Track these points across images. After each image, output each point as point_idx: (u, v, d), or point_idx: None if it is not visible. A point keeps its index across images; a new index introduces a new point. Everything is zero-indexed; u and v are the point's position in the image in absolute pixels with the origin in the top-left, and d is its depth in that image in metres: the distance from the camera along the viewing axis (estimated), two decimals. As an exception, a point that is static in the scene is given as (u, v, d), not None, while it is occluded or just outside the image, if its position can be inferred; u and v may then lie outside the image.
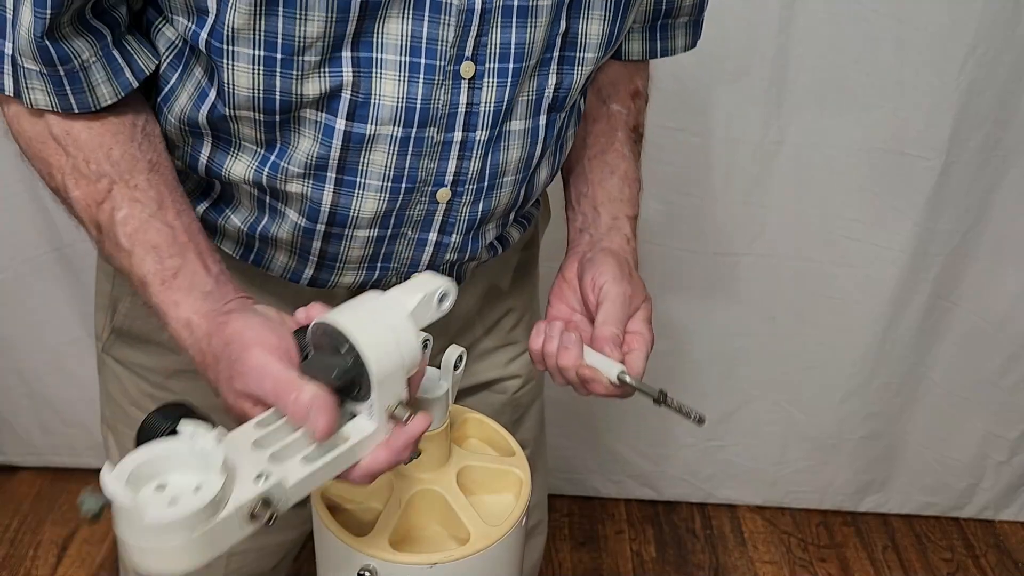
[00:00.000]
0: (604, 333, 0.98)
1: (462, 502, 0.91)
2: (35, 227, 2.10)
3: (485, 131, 0.93)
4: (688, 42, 1.18)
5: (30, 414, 2.37)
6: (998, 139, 1.96)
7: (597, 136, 1.15)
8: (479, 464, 0.96)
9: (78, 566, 2.22)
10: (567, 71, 0.95)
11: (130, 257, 0.87)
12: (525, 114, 0.95)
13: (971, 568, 2.37)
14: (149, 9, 0.92)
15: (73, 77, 0.86)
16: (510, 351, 1.27)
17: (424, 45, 0.86)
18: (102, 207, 0.88)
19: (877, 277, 2.14)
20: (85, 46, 0.86)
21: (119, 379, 1.17)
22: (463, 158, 0.94)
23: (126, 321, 1.13)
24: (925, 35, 1.84)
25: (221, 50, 0.83)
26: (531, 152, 0.99)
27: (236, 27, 0.82)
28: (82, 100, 0.87)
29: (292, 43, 0.83)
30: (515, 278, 1.26)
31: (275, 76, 0.85)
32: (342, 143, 0.89)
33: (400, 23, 0.85)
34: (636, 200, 1.13)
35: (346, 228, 0.96)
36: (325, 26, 0.82)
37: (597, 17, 0.93)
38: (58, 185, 0.90)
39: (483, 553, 0.87)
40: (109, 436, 1.25)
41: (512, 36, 0.88)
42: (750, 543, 2.41)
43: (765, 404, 2.35)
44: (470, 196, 0.98)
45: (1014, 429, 2.35)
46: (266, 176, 0.93)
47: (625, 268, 1.04)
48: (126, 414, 1.18)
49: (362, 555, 0.86)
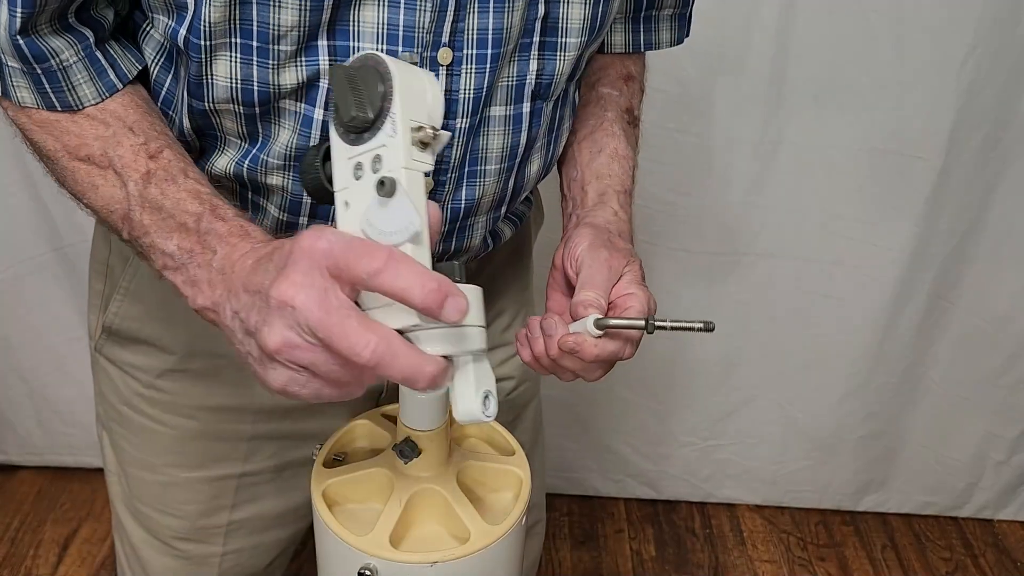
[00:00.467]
0: (579, 298, 0.93)
1: (462, 501, 0.91)
2: (34, 227, 2.11)
3: (466, 119, 0.93)
4: (674, 36, 1.17)
5: (30, 414, 2.38)
6: (997, 139, 1.97)
7: (585, 120, 1.13)
8: (479, 463, 0.96)
9: (79, 565, 2.22)
10: (548, 57, 0.95)
11: (198, 189, 0.85)
12: (506, 100, 0.95)
13: (970, 567, 2.37)
14: (136, 13, 0.92)
15: (51, 76, 0.86)
16: (503, 352, 1.27)
17: (401, 32, 0.86)
18: (156, 159, 0.86)
19: (876, 277, 2.14)
20: (64, 46, 0.86)
21: (111, 378, 1.18)
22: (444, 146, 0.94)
23: (116, 320, 1.13)
24: (925, 35, 1.84)
25: (199, 46, 0.84)
26: (515, 140, 0.98)
27: (213, 21, 0.82)
28: (63, 99, 0.88)
29: (267, 31, 0.82)
30: (507, 279, 1.26)
31: (252, 65, 0.85)
32: (321, 133, 0.89)
33: (376, 10, 0.85)
34: (627, 175, 1.10)
35: (328, 221, 0.96)
36: (300, 14, 0.82)
37: (578, 2, 0.93)
38: (90, 153, 0.88)
39: (483, 552, 0.87)
40: (104, 435, 1.25)
41: (489, 21, 0.88)
42: (749, 542, 2.41)
43: (764, 404, 2.36)
44: (452, 184, 0.98)
45: (1013, 429, 2.36)
46: (247, 169, 0.93)
47: (603, 235, 0.99)
48: (118, 413, 1.18)
49: (362, 554, 0.86)
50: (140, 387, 1.15)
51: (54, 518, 2.35)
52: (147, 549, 1.24)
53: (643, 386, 2.30)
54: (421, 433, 0.91)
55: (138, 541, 1.24)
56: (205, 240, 0.82)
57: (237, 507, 1.21)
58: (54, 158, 0.90)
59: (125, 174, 0.87)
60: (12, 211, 2.08)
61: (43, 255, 2.15)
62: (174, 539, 1.22)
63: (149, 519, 1.22)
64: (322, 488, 0.92)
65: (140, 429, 1.17)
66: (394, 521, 0.89)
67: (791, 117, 1.97)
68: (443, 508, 0.91)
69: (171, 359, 1.12)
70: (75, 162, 0.89)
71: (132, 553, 1.26)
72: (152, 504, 1.21)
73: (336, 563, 0.91)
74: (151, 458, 1.18)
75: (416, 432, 0.91)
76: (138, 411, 1.16)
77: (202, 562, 1.23)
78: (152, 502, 1.21)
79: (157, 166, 0.86)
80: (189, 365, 1.12)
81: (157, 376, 1.14)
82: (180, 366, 1.12)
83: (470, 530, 0.88)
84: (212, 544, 1.22)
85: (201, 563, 1.23)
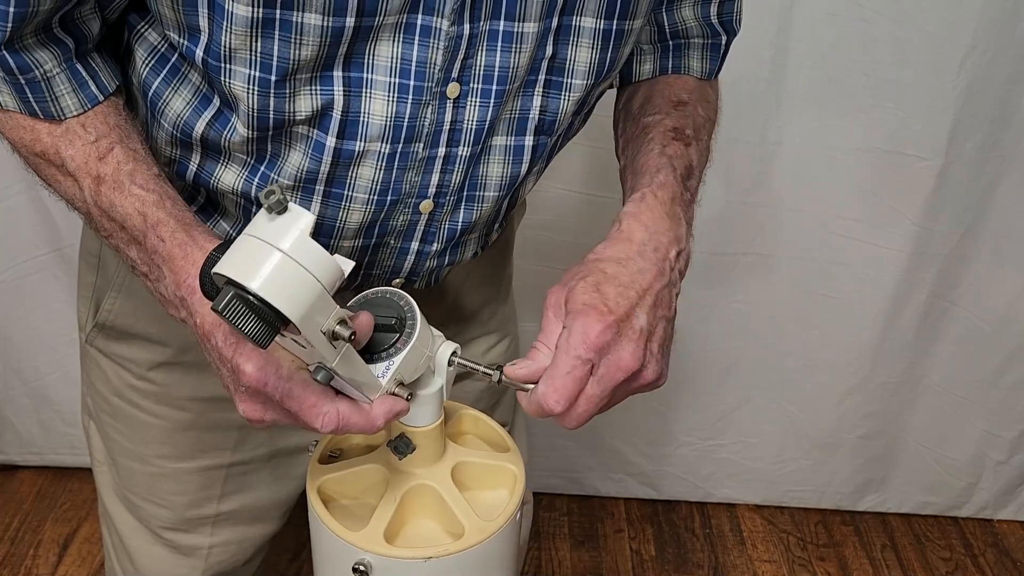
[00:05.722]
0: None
1: (457, 497, 0.91)
2: (35, 227, 2.11)
3: (468, 147, 0.94)
4: (705, 67, 1.14)
5: (30, 414, 2.38)
6: (996, 139, 1.97)
7: (630, 153, 1.07)
8: (474, 460, 0.96)
9: (79, 565, 2.22)
10: (553, 95, 0.95)
11: (142, 200, 0.86)
12: (508, 131, 0.96)
13: (970, 567, 2.37)
14: (132, 14, 0.93)
15: (35, 86, 0.87)
16: (485, 341, 1.28)
17: (413, 68, 0.87)
18: (105, 160, 0.87)
19: (876, 277, 2.14)
20: (48, 57, 0.87)
21: (102, 369, 1.18)
22: (446, 171, 0.95)
23: (109, 317, 1.14)
24: (924, 36, 1.84)
25: (219, 68, 0.84)
26: (516, 170, 0.99)
27: (232, 47, 0.82)
28: (45, 108, 0.88)
29: (287, 66, 0.84)
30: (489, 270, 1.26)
31: (269, 96, 0.86)
32: (332, 159, 0.90)
33: (391, 46, 0.86)
34: (651, 172, 0.99)
35: (332, 239, 0.97)
36: (319, 50, 0.83)
37: (586, 45, 0.93)
38: (45, 148, 0.89)
39: (477, 548, 0.88)
40: (91, 425, 1.26)
41: (497, 59, 0.89)
42: (749, 542, 2.41)
43: (764, 403, 2.36)
44: (450, 207, 0.99)
45: (1012, 429, 2.36)
46: (255, 187, 0.94)
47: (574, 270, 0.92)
48: (109, 403, 1.19)
49: (357, 549, 0.87)
50: (132, 379, 1.16)
51: (54, 518, 2.35)
52: (136, 538, 1.24)
53: (643, 386, 2.29)
54: (416, 429, 0.91)
55: (126, 530, 1.25)
56: (152, 260, 0.86)
57: (226, 497, 1.22)
58: (17, 149, 0.92)
59: (79, 177, 0.88)
60: (12, 211, 2.08)
61: (43, 255, 2.15)
62: (163, 529, 1.22)
63: (139, 508, 1.22)
64: (317, 484, 0.93)
65: (131, 420, 1.18)
66: (389, 517, 0.89)
67: (791, 117, 1.97)
68: (438, 504, 0.92)
69: (165, 352, 1.13)
70: (34, 156, 0.91)
71: (119, 543, 1.27)
72: (142, 494, 1.22)
73: (331, 559, 0.91)
74: (141, 449, 1.19)
75: (411, 428, 0.91)
76: (129, 402, 1.17)
77: (190, 553, 1.24)
78: (142, 492, 1.21)
79: (107, 170, 0.87)
80: (183, 358, 1.13)
81: (149, 368, 1.15)
82: (174, 359, 1.13)
83: (464, 526, 0.89)
84: (200, 534, 1.23)
85: (189, 554, 1.24)
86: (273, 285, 0.71)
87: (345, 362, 0.79)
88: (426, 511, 0.93)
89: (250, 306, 0.71)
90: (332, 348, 0.77)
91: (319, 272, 0.73)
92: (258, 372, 0.78)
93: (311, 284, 0.73)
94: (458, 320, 1.23)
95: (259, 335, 0.72)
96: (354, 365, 0.80)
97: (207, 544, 1.24)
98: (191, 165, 0.96)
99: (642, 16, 0.95)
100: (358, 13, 0.81)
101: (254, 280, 0.71)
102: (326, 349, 0.76)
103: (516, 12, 0.87)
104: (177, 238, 0.84)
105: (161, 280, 0.86)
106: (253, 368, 0.79)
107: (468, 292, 1.22)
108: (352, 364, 0.80)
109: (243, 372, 0.79)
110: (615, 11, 0.92)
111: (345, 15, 0.81)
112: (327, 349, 0.76)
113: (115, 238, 0.89)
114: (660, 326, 0.91)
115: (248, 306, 0.71)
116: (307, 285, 0.73)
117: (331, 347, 0.76)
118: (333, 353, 0.77)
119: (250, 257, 0.72)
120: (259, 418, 0.82)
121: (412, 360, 0.85)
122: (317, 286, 0.73)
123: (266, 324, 0.71)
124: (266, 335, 0.72)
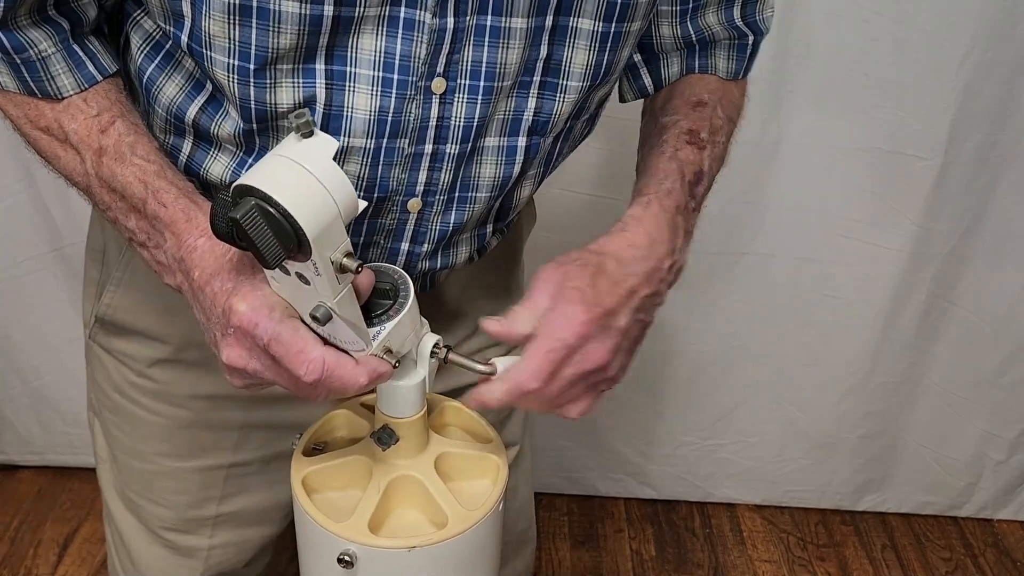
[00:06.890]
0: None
1: (440, 488, 0.91)
2: (34, 227, 2.12)
3: (456, 145, 0.93)
4: (732, 66, 1.13)
5: (30, 413, 2.39)
6: (996, 139, 1.97)
7: (644, 156, 1.07)
8: (457, 451, 0.97)
9: (79, 565, 2.23)
10: (548, 96, 0.95)
11: (143, 170, 0.88)
12: (501, 132, 0.96)
13: (969, 567, 2.37)
14: (128, 2, 0.93)
15: (31, 66, 0.88)
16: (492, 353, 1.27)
17: (397, 61, 0.87)
18: (107, 132, 0.89)
19: (876, 276, 2.14)
20: (43, 36, 0.88)
21: (104, 365, 1.19)
22: (434, 169, 0.95)
23: (109, 311, 1.14)
24: (923, 36, 1.84)
25: (202, 53, 0.85)
26: (508, 172, 0.99)
27: (212, 33, 0.83)
28: (42, 88, 0.89)
29: (265, 54, 0.84)
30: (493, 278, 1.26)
31: (249, 86, 0.86)
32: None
33: (374, 39, 0.86)
34: (659, 178, 1.01)
35: None
36: (298, 39, 0.83)
37: (582, 47, 0.93)
38: (48, 123, 0.91)
39: (461, 537, 0.88)
40: (95, 421, 1.26)
41: (484, 55, 0.89)
42: (749, 542, 2.41)
43: (764, 403, 2.36)
44: (440, 207, 0.99)
45: (1012, 428, 2.35)
46: None
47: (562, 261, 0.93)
48: (110, 400, 1.19)
49: (341, 540, 0.87)
50: (132, 375, 1.16)
51: (54, 517, 2.35)
52: (136, 538, 1.24)
53: (643, 385, 2.31)
54: (399, 421, 0.92)
55: (127, 529, 1.25)
56: (154, 225, 0.87)
57: (225, 499, 1.21)
58: (18, 125, 0.94)
59: (81, 149, 0.90)
60: (12, 211, 2.09)
61: (43, 255, 2.16)
62: (163, 529, 1.22)
63: (139, 508, 1.22)
64: (302, 476, 0.93)
65: (131, 417, 1.18)
66: (373, 507, 0.90)
67: (791, 117, 1.97)
68: (421, 494, 0.92)
69: (165, 349, 1.13)
70: (36, 131, 0.92)
71: (120, 542, 1.27)
72: (142, 493, 1.22)
73: (316, 550, 0.91)
74: (141, 446, 1.19)
75: (394, 420, 0.92)
76: (129, 399, 1.17)
77: (190, 554, 1.24)
78: (142, 491, 1.21)
79: (108, 142, 0.89)
80: (182, 355, 1.13)
81: (149, 365, 1.15)
82: (174, 356, 1.13)
83: (448, 515, 0.89)
84: (200, 536, 1.23)
85: (189, 555, 1.24)
86: (297, 200, 0.72)
87: (345, 302, 0.79)
88: (410, 501, 0.93)
89: (269, 220, 0.71)
90: (336, 283, 0.77)
91: (340, 198, 0.74)
92: (251, 311, 0.78)
93: (331, 207, 0.74)
94: (464, 328, 1.22)
95: (271, 252, 0.72)
96: (353, 307, 0.80)
97: (207, 545, 1.24)
98: (181, 156, 0.97)
99: (640, 19, 0.95)
100: (336, 2, 0.82)
101: (279, 192, 0.71)
102: (331, 282, 0.76)
103: (503, 7, 0.87)
104: (180, 203, 0.86)
105: (160, 246, 0.87)
106: (247, 307, 0.79)
107: (473, 300, 1.21)
108: (352, 306, 0.80)
109: (235, 311, 0.79)
110: (613, 13, 0.92)
111: (323, 3, 0.81)
112: (331, 282, 0.76)
113: (113, 210, 0.90)
114: (636, 328, 0.94)
115: (267, 219, 0.71)
116: (328, 207, 0.74)
117: (336, 281, 0.77)
118: (336, 289, 0.77)
119: (276, 171, 0.73)
120: (242, 366, 0.82)
121: (402, 330, 0.85)
122: (336, 211, 0.74)
123: (280, 242, 0.72)
124: (277, 253, 0.72)
